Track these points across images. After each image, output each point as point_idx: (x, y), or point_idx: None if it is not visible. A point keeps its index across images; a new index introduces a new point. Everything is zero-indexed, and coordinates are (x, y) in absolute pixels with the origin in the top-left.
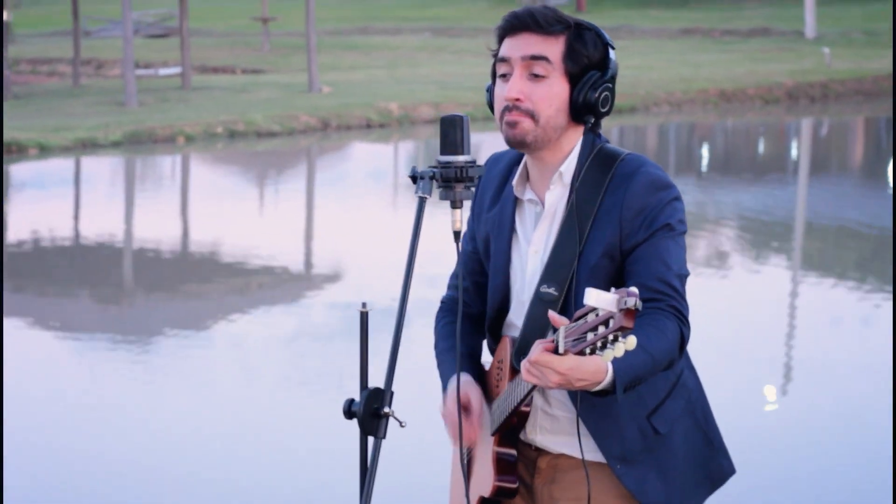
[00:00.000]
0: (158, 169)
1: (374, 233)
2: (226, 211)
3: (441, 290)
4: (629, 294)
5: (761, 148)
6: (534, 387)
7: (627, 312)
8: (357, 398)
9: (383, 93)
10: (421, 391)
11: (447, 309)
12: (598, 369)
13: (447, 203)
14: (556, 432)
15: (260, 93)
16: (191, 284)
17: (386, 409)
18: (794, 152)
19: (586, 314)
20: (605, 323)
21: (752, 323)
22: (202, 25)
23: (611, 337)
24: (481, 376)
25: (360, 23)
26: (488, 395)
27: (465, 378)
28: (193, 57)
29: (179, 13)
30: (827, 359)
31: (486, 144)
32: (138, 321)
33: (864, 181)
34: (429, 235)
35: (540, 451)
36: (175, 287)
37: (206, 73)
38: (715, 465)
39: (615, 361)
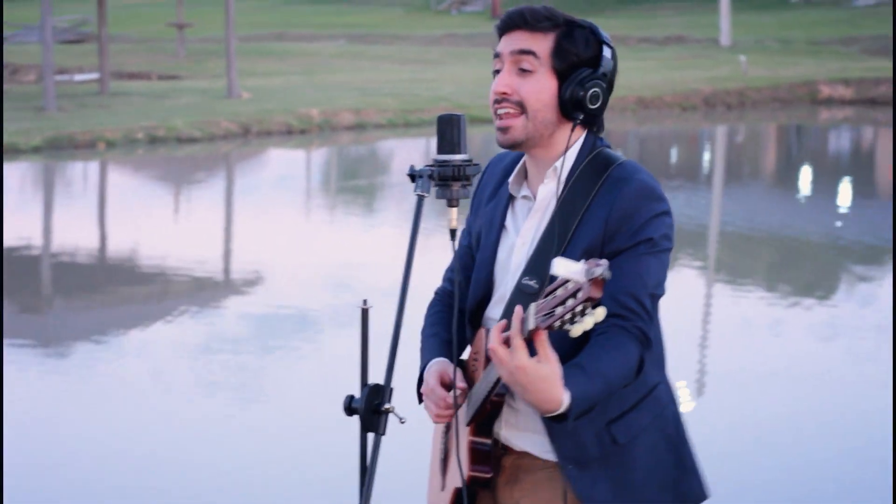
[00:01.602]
0: (79, 175)
1: (292, 239)
2: (145, 217)
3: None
4: (597, 264)
5: (676, 154)
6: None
7: (595, 282)
8: (357, 395)
9: (303, 99)
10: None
11: (440, 300)
12: (552, 398)
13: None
14: (519, 427)
15: (179, 98)
16: (108, 291)
17: (386, 406)
18: (707, 159)
19: (556, 289)
20: (574, 294)
21: (664, 328)
22: (117, 31)
23: (579, 308)
24: (462, 368)
25: (276, 29)
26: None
27: (443, 360)
28: (109, 62)
29: (98, 18)
30: (737, 364)
31: (400, 150)
32: (55, 328)
33: (775, 188)
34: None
35: (505, 450)
36: (92, 294)
37: (122, 79)
38: (686, 486)
39: (575, 390)
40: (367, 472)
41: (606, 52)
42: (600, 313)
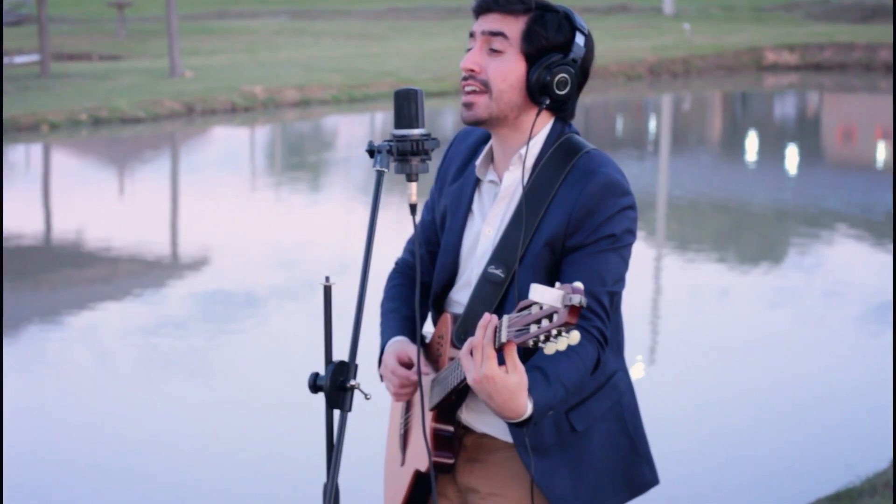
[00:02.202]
0: (22, 158)
1: (238, 218)
2: (91, 199)
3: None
4: (574, 290)
5: (622, 124)
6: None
7: (572, 309)
8: (322, 372)
9: (246, 76)
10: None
11: (400, 271)
12: (516, 408)
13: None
14: (481, 411)
15: (122, 79)
16: (55, 273)
17: (352, 382)
18: (653, 128)
19: (530, 305)
20: (549, 317)
21: None
22: (55, 12)
23: (554, 332)
24: (424, 347)
25: (216, 7)
26: (428, 365)
27: (403, 339)
28: (49, 44)
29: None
30: (687, 332)
31: (345, 126)
32: (5, 313)
33: (721, 156)
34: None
35: (466, 430)
36: (38, 277)
37: (63, 61)
38: (638, 472)
39: (537, 400)
40: (333, 449)
41: (579, 39)
42: (574, 337)
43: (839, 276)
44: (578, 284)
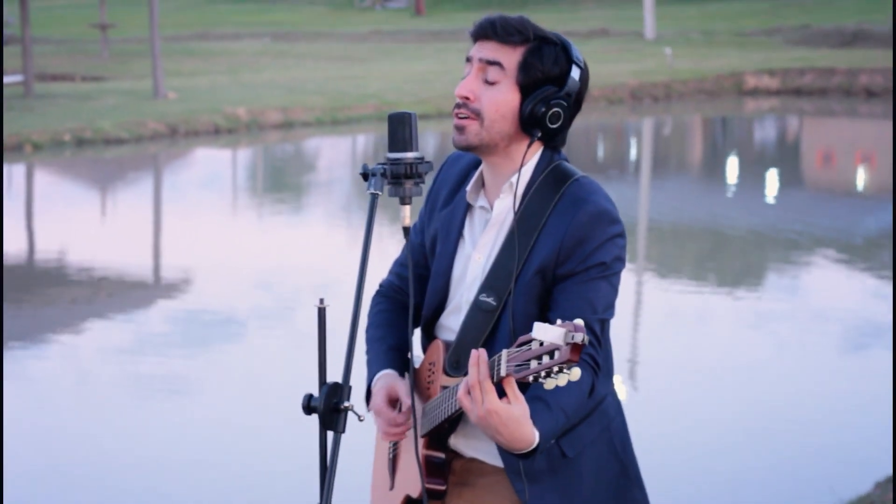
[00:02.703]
0: (6, 178)
1: (220, 240)
2: (73, 219)
3: None
4: (576, 329)
5: (603, 148)
6: (458, 409)
7: (574, 347)
8: (315, 393)
9: (229, 98)
10: None
11: (384, 294)
12: (523, 438)
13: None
14: (468, 436)
15: (105, 100)
16: (36, 294)
17: (345, 404)
18: (634, 152)
19: (530, 341)
20: (551, 354)
21: None
22: (38, 33)
23: (556, 368)
24: (407, 369)
25: (199, 28)
26: (418, 391)
27: (390, 373)
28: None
29: (21, 20)
30: (666, 355)
31: (327, 149)
32: None
33: (702, 180)
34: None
35: (455, 454)
36: (20, 296)
37: (46, 81)
38: (629, 495)
39: (542, 430)
40: (327, 470)
41: (574, 73)
42: (575, 373)
43: (818, 299)
44: (580, 322)
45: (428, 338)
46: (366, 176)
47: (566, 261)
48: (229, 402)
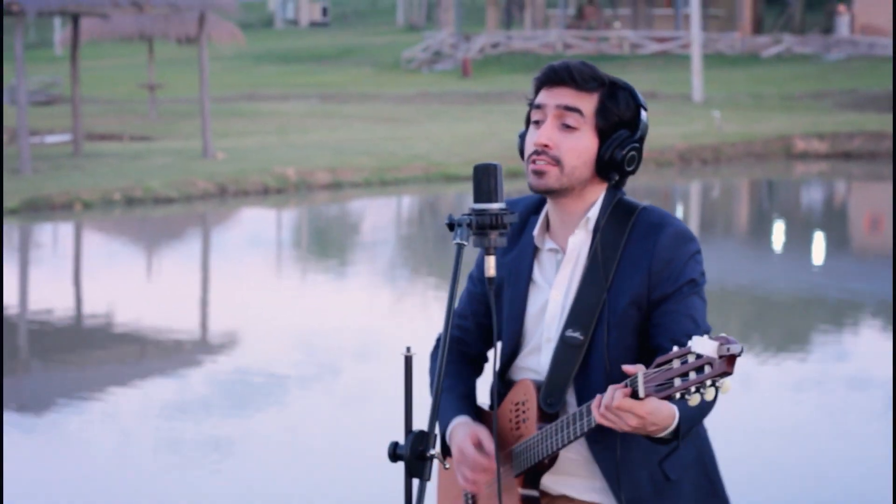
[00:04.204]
0: (58, 236)
1: (266, 301)
2: (122, 278)
3: None
4: (730, 342)
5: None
6: (584, 433)
7: (730, 359)
8: (401, 441)
9: (278, 158)
10: None
11: (450, 349)
12: (670, 414)
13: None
14: (557, 472)
15: (154, 159)
16: (82, 353)
17: (432, 451)
18: (681, 215)
19: (669, 360)
20: (699, 369)
21: None
22: (86, 93)
23: (708, 382)
24: (479, 416)
25: (246, 89)
26: (502, 434)
27: (467, 419)
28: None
29: (71, 79)
30: (710, 417)
31: (373, 211)
32: (32, 392)
33: (748, 244)
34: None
35: (543, 493)
36: (66, 356)
37: (94, 141)
38: None
39: (681, 410)
40: None
41: (643, 116)
42: (727, 385)
43: (863, 365)
44: (730, 336)
45: (502, 381)
46: (451, 226)
47: (658, 285)
48: (270, 465)
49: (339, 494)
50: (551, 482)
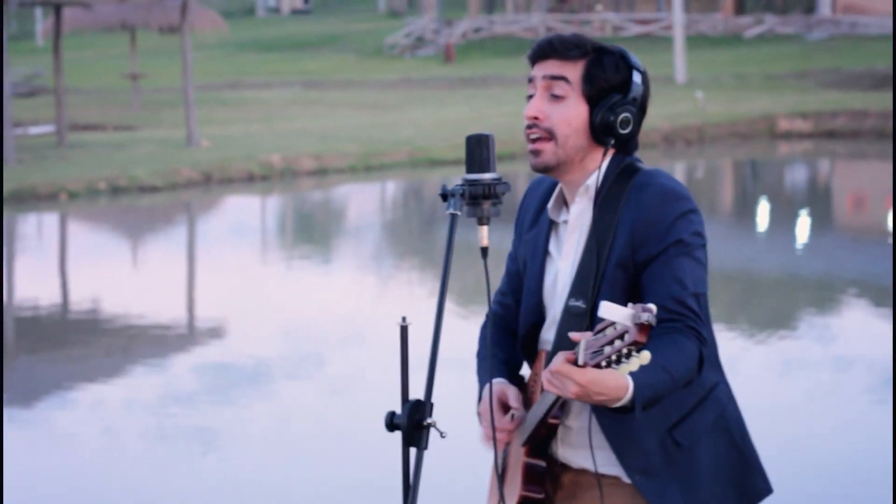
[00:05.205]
0: (43, 226)
1: (253, 289)
2: (108, 268)
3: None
4: (644, 309)
5: None
6: (558, 398)
7: (642, 327)
8: (398, 411)
9: (263, 146)
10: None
11: (493, 323)
12: (619, 385)
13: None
14: (575, 445)
15: (138, 148)
16: (69, 344)
17: (428, 420)
18: None
19: (606, 328)
20: (621, 337)
21: None
22: (69, 83)
23: (625, 351)
24: (520, 387)
25: (229, 77)
26: (527, 406)
27: (501, 380)
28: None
29: (54, 70)
30: None
31: (359, 197)
32: (18, 383)
33: (733, 223)
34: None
35: (564, 467)
36: (52, 347)
37: (77, 131)
38: (750, 482)
39: (636, 379)
40: (410, 488)
41: (636, 77)
42: (645, 357)
43: (848, 344)
44: (650, 305)
45: (527, 356)
46: (445, 196)
47: (642, 246)
48: (258, 453)
49: (327, 482)
50: (572, 455)
